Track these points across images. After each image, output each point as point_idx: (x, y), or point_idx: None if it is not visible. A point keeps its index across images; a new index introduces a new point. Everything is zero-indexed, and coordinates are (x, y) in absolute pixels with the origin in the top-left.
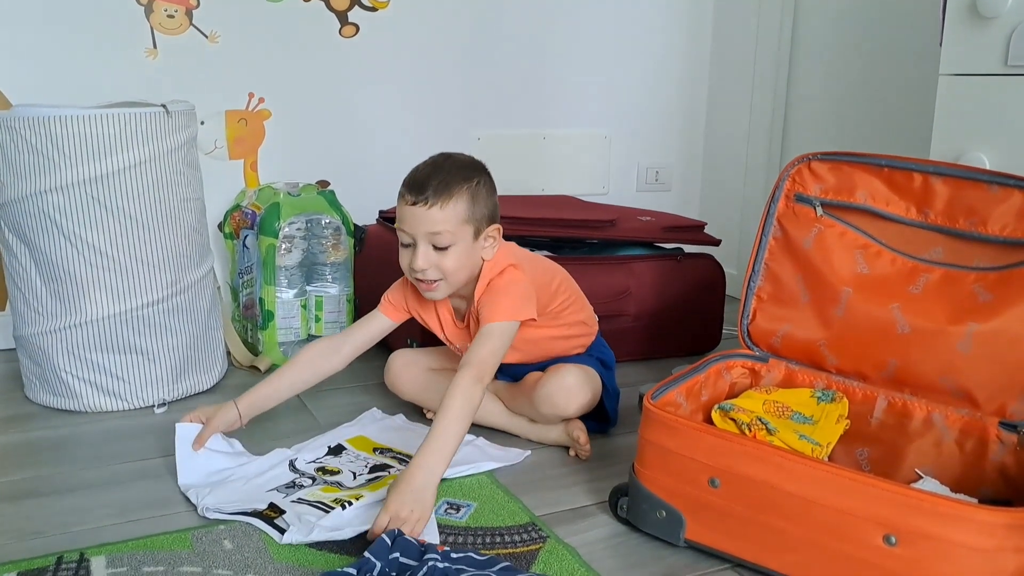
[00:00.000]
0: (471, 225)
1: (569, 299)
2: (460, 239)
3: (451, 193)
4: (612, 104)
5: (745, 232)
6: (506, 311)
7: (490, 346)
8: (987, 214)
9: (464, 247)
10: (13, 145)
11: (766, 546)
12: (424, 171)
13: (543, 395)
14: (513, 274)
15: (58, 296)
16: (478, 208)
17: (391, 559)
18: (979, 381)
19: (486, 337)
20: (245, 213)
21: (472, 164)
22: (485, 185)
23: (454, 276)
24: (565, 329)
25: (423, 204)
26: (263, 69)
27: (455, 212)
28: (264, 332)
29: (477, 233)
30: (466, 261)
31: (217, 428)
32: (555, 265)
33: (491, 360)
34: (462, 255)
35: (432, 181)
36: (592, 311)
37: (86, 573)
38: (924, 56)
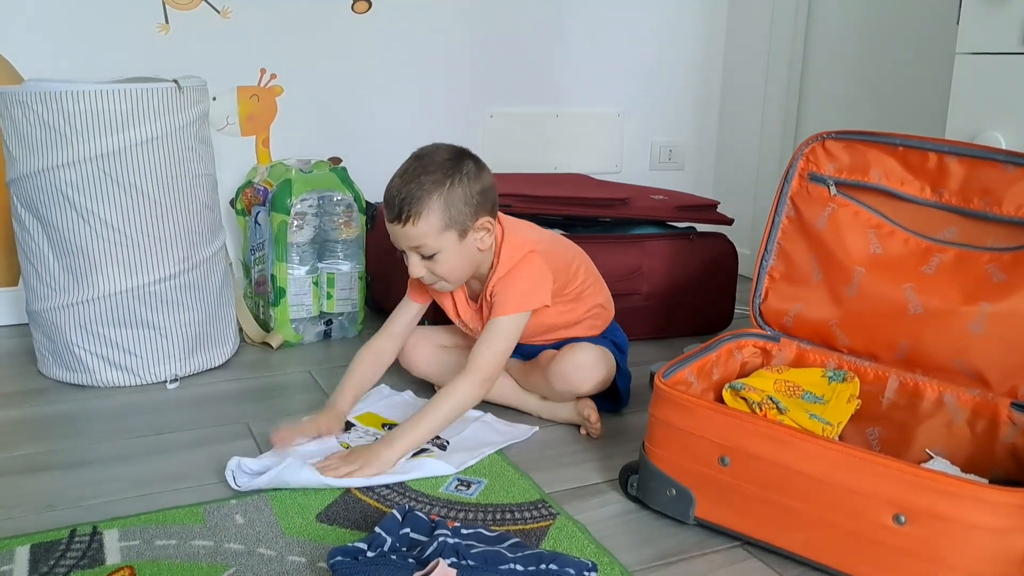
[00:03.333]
0: (452, 230)
1: (587, 282)
2: (444, 245)
3: (421, 207)
4: (625, 82)
5: (758, 211)
6: (517, 303)
7: (496, 347)
8: (1002, 194)
9: (451, 251)
10: (26, 120)
11: (776, 524)
12: (395, 186)
13: (557, 372)
14: (531, 261)
15: (71, 271)
16: (455, 211)
17: (402, 534)
18: (991, 362)
19: (493, 335)
20: (257, 190)
21: (445, 163)
22: (463, 182)
23: (452, 276)
24: (583, 312)
25: (398, 223)
26: (275, 45)
27: (429, 225)
28: (276, 309)
29: (463, 233)
30: (459, 261)
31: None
32: (576, 247)
33: (496, 363)
34: (452, 258)
35: (402, 197)
36: (609, 295)
37: (99, 546)
38: (940, 35)
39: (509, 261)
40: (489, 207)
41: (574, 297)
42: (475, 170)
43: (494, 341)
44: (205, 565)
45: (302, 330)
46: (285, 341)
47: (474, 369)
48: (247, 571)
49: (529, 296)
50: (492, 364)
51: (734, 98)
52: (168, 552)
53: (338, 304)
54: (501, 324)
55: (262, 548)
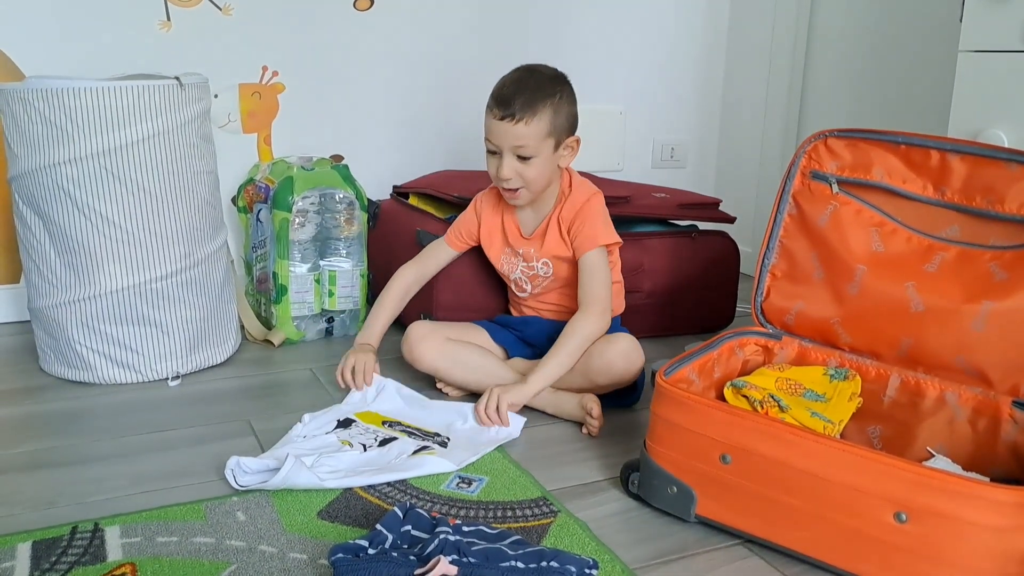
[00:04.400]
0: (552, 138)
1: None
2: (542, 151)
3: (535, 110)
4: (627, 80)
5: (760, 209)
6: (598, 236)
7: (601, 279)
8: (1004, 192)
9: (545, 158)
10: (27, 117)
11: (777, 522)
12: (511, 86)
13: (602, 365)
14: (600, 200)
15: (72, 268)
16: (559, 121)
17: (403, 532)
18: (993, 360)
19: (593, 270)
20: (259, 187)
21: (555, 77)
22: (566, 98)
23: (535, 184)
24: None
25: (510, 120)
26: (277, 42)
27: (539, 128)
28: (277, 306)
29: (557, 145)
30: (546, 171)
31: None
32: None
33: (607, 293)
34: (543, 165)
35: (519, 97)
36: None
37: (100, 543)
38: (943, 32)
39: (583, 195)
40: (576, 130)
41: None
42: (572, 94)
43: (596, 274)
44: (206, 562)
45: (304, 328)
46: (287, 339)
47: (591, 303)
48: (248, 568)
49: (605, 232)
50: (604, 294)
51: (736, 96)
52: (169, 549)
53: (340, 302)
54: (591, 259)
55: (263, 545)
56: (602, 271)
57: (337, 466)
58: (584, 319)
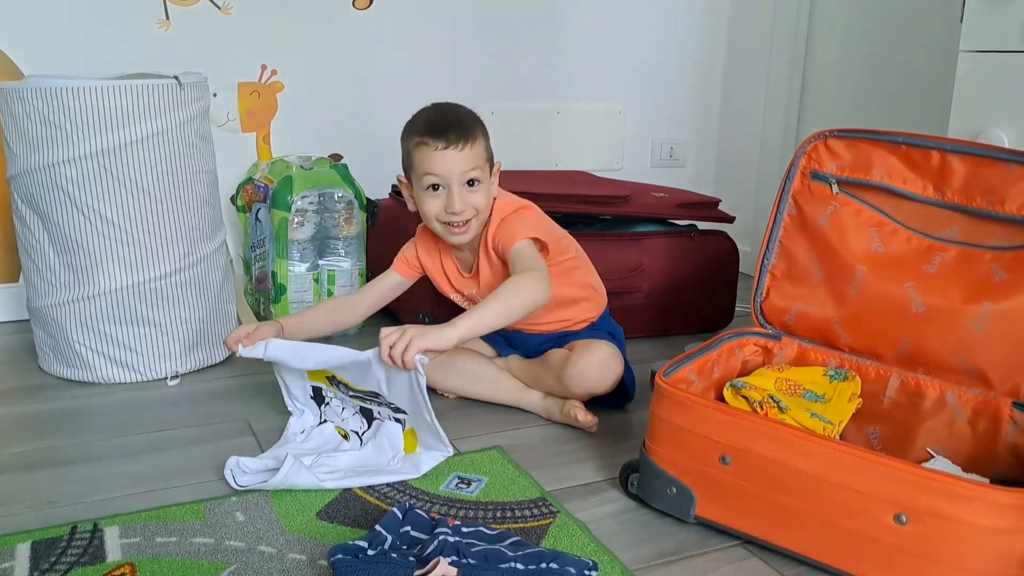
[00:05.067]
0: (489, 163)
1: (578, 259)
2: (485, 175)
3: (472, 133)
4: (627, 79)
5: (760, 209)
6: (525, 231)
7: (530, 257)
8: (1005, 193)
9: (486, 183)
10: (26, 116)
11: (776, 523)
12: (441, 117)
13: (575, 374)
14: (527, 209)
15: (71, 268)
16: (488, 144)
17: (402, 532)
18: (993, 361)
19: (521, 253)
20: (258, 186)
21: (466, 107)
22: (484, 125)
23: (484, 210)
24: (574, 289)
25: (455, 147)
26: (276, 41)
27: (479, 149)
28: (276, 305)
29: (490, 171)
30: (489, 196)
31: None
32: (561, 229)
33: (542, 264)
34: (486, 191)
35: (453, 125)
36: (599, 280)
37: (100, 543)
38: (943, 32)
39: (502, 212)
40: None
41: (566, 271)
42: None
43: (526, 256)
44: (206, 563)
45: None
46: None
47: (535, 270)
48: (247, 569)
49: (532, 228)
50: (540, 265)
51: (736, 95)
52: (169, 549)
53: None
54: (519, 246)
55: (263, 546)
56: (532, 254)
57: (336, 466)
58: (526, 276)
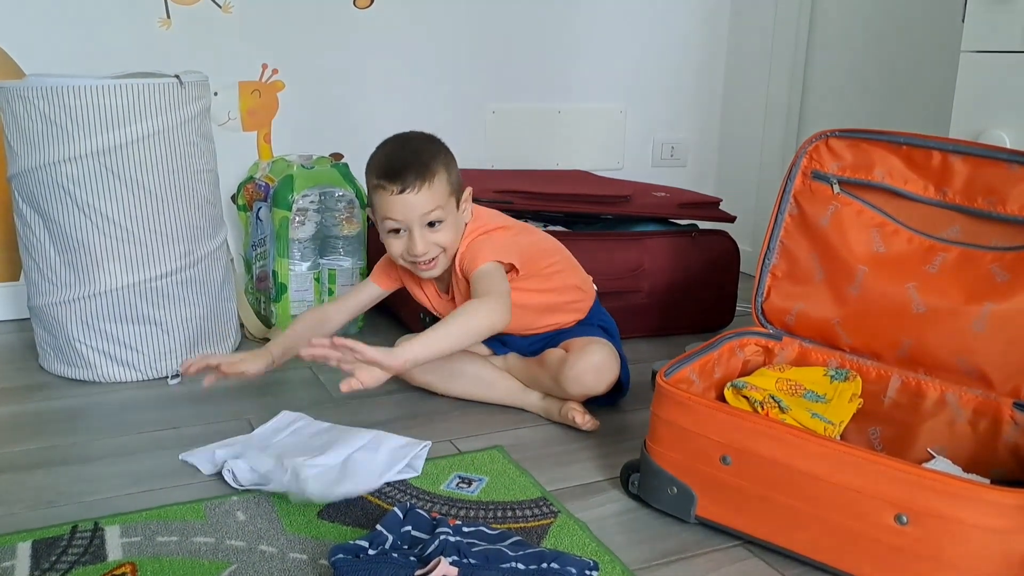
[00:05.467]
0: (454, 196)
1: (559, 263)
2: (449, 212)
3: (431, 171)
4: (628, 78)
5: (761, 209)
6: (486, 255)
7: (493, 283)
8: (1006, 193)
9: (452, 218)
10: (27, 115)
11: (777, 524)
12: (395, 158)
13: (572, 377)
14: (495, 232)
15: (72, 266)
16: (453, 177)
17: (403, 532)
18: (994, 361)
19: (483, 278)
20: (258, 185)
21: (428, 137)
22: (448, 154)
23: (451, 248)
24: (557, 295)
25: (411, 190)
26: (277, 40)
27: (441, 188)
28: (277, 304)
29: (458, 202)
30: (457, 231)
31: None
32: (540, 233)
33: (504, 291)
34: (452, 226)
35: (410, 166)
36: (586, 277)
37: (100, 542)
38: (945, 33)
39: (471, 236)
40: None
41: (546, 276)
42: (448, 149)
43: (488, 280)
44: (206, 562)
45: None
46: None
47: (494, 296)
48: (248, 568)
49: (498, 251)
50: (502, 290)
51: (737, 95)
52: (169, 549)
53: None
54: (483, 269)
55: (263, 545)
56: (496, 278)
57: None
58: (486, 302)
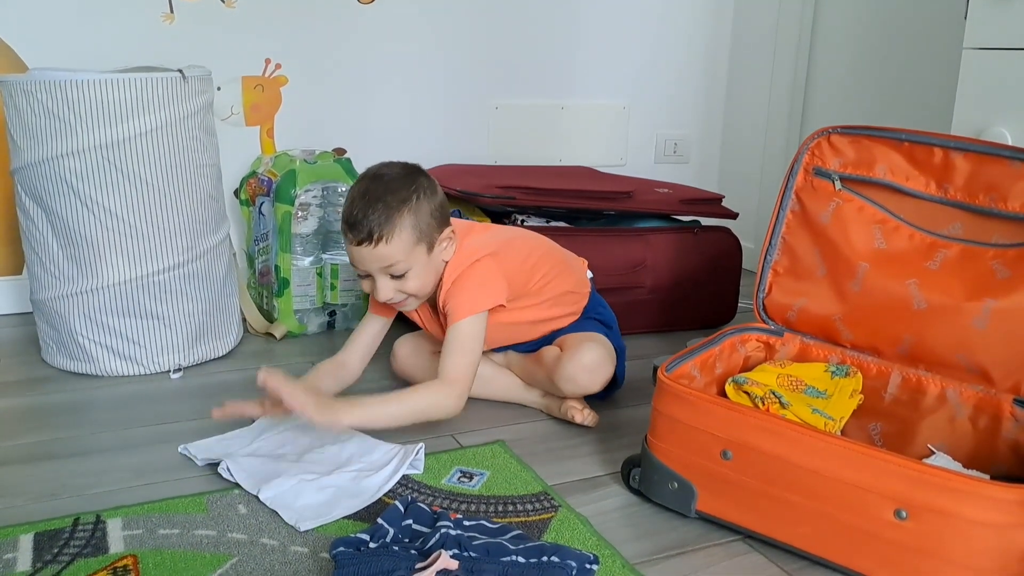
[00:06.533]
0: (422, 244)
1: (550, 273)
2: (415, 261)
3: (393, 224)
4: (631, 75)
5: (763, 205)
6: (470, 306)
7: (464, 355)
8: (1007, 190)
9: (420, 266)
10: (30, 109)
11: (777, 519)
12: (359, 204)
13: (566, 377)
14: (479, 265)
15: (75, 260)
16: (423, 224)
17: (404, 526)
18: (994, 358)
19: (456, 343)
20: (261, 180)
21: (406, 175)
22: (425, 194)
23: (421, 291)
24: (550, 306)
25: (368, 244)
26: (280, 35)
27: (402, 242)
28: (279, 299)
29: (431, 247)
30: (428, 276)
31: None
32: (531, 241)
33: (468, 371)
34: (422, 273)
35: (371, 215)
36: (581, 276)
37: (102, 535)
38: (947, 29)
39: (456, 269)
40: (447, 218)
41: (537, 291)
42: (430, 183)
43: (459, 349)
44: (208, 555)
45: (305, 320)
46: (288, 331)
47: (451, 382)
48: (249, 561)
49: (480, 297)
50: (465, 373)
51: (740, 92)
52: (171, 541)
53: (341, 295)
54: (460, 329)
55: (265, 538)
56: (468, 345)
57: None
58: (440, 390)
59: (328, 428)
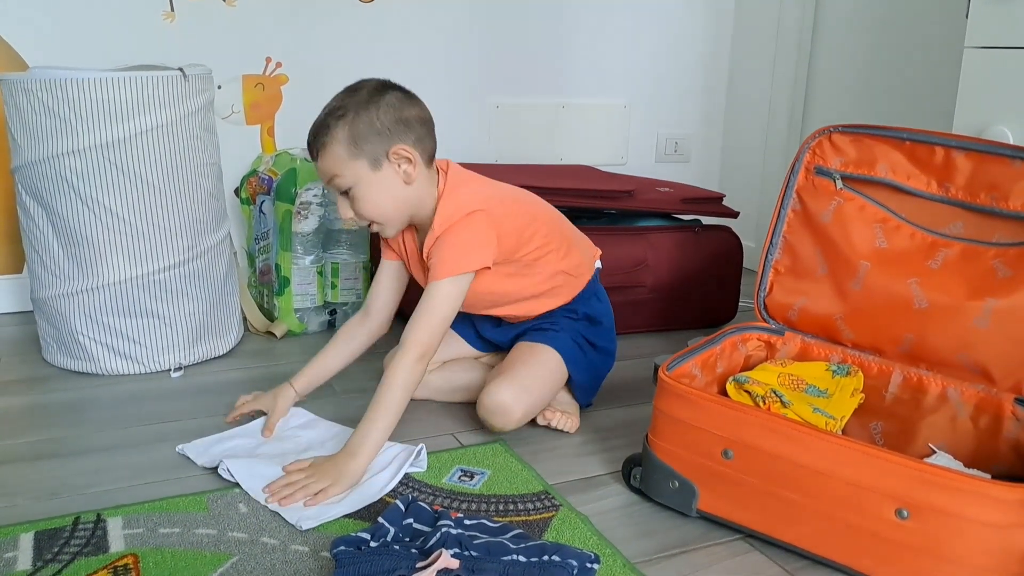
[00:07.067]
0: (361, 158)
1: (546, 246)
2: (359, 177)
3: (329, 134)
4: (632, 74)
5: (764, 204)
6: (451, 265)
7: (432, 317)
8: (1009, 189)
9: (366, 184)
10: (30, 107)
11: (778, 518)
12: (317, 118)
13: (484, 412)
14: (471, 220)
15: (75, 259)
16: (360, 133)
17: (405, 525)
18: (995, 357)
19: (428, 304)
20: (262, 179)
21: (362, 93)
22: (372, 109)
23: (377, 214)
24: (540, 282)
25: (314, 156)
26: (281, 33)
27: (335, 153)
28: (280, 298)
29: (375, 163)
30: (380, 197)
31: (283, 413)
32: (536, 208)
33: (432, 335)
34: (369, 192)
35: (315, 128)
36: (582, 261)
37: (103, 534)
38: (949, 28)
39: (446, 220)
40: (412, 139)
41: (527, 264)
42: (397, 100)
43: (429, 310)
44: (208, 554)
45: (306, 319)
46: (289, 330)
47: (409, 345)
48: (250, 560)
49: (464, 257)
50: (428, 337)
51: (741, 91)
52: (171, 540)
53: (342, 294)
54: (436, 289)
55: (265, 537)
56: (439, 308)
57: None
58: (400, 366)
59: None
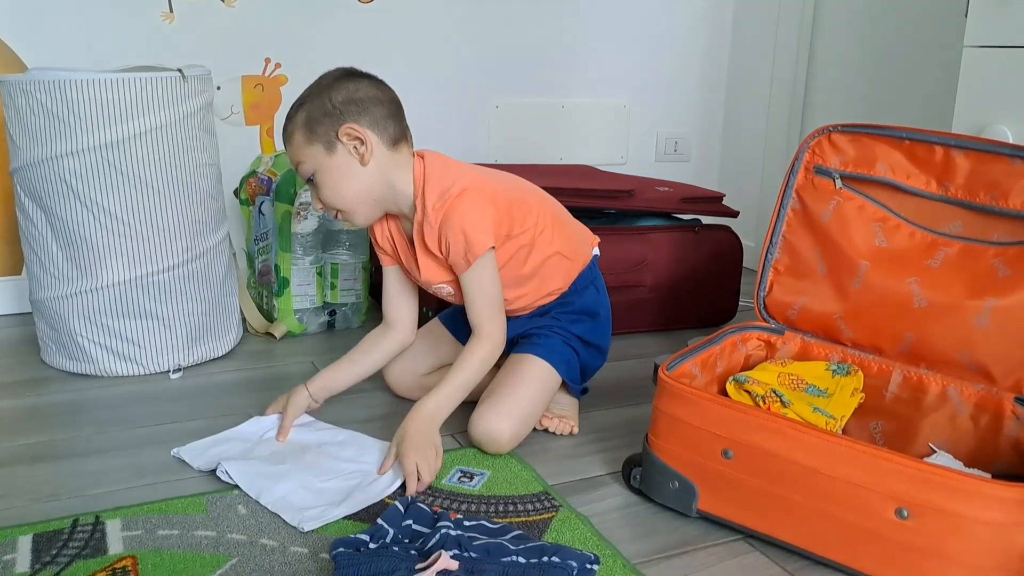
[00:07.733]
0: (317, 143)
1: (538, 225)
2: (318, 162)
3: (291, 122)
4: (631, 73)
5: (763, 204)
6: (475, 248)
7: (482, 298)
8: (1008, 188)
9: (324, 169)
10: (29, 109)
11: (778, 518)
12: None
13: (474, 440)
14: (464, 199)
15: (74, 261)
16: (315, 118)
17: (404, 526)
18: (996, 356)
19: (472, 292)
20: (261, 179)
21: (323, 77)
22: (326, 93)
23: (339, 200)
24: (535, 264)
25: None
26: (280, 34)
27: (297, 140)
28: (279, 299)
29: (329, 146)
30: (340, 181)
31: (297, 414)
32: (525, 187)
33: (491, 312)
34: (330, 177)
35: (287, 116)
36: (579, 242)
37: (101, 536)
38: (948, 27)
39: (439, 204)
40: (365, 120)
41: (522, 244)
42: (354, 84)
43: (478, 293)
44: (207, 555)
45: (305, 320)
46: (288, 331)
47: (479, 330)
48: (249, 562)
49: (480, 236)
50: (491, 314)
51: (740, 90)
52: (170, 542)
53: (342, 295)
54: (472, 277)
55: (264, 539)
56: (486, 287)
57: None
58: (479, 349)
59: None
